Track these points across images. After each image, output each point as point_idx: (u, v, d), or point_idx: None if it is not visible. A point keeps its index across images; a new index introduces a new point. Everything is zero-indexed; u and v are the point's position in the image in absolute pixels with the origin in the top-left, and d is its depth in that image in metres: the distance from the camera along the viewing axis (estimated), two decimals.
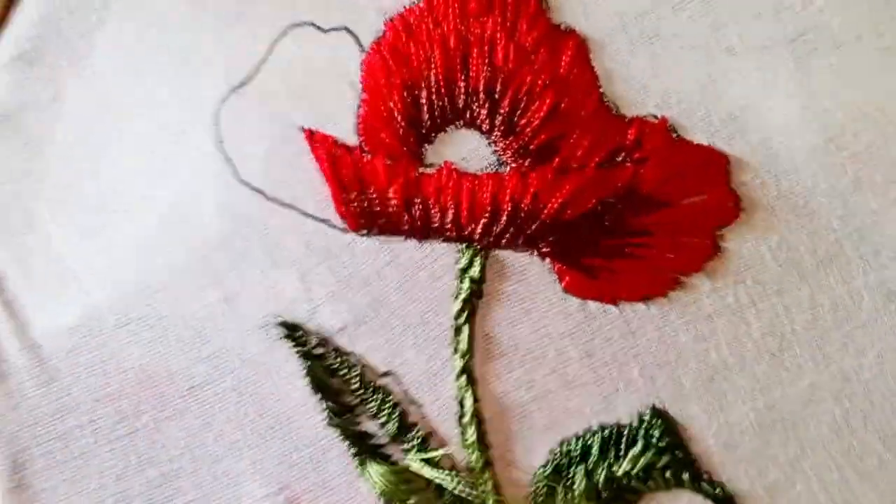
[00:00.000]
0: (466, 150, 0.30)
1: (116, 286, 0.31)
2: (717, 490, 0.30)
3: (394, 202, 0.30)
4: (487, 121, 0.30)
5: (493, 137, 0.30)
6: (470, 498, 0.30)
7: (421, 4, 0.30)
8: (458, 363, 0.31)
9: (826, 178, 0.30)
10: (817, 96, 0.30)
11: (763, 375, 0.30)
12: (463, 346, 0.31)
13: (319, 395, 0.31)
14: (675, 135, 0.30)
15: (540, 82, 0.29)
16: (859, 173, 0.30)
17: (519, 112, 0.29)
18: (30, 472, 0.32)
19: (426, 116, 0.30)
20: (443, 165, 0.30)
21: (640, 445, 0.30)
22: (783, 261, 0.30)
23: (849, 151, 0.30)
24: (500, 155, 0.30)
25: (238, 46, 0.31)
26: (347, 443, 0.31)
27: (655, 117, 0.30)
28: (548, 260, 0.30)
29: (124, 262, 0.31)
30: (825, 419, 0.30)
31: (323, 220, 0.31)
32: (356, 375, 0.31)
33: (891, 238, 0.30)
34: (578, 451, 0.30)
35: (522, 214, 0.29)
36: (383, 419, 0.31)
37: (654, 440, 0.30)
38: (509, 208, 0.29)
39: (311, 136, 0.30)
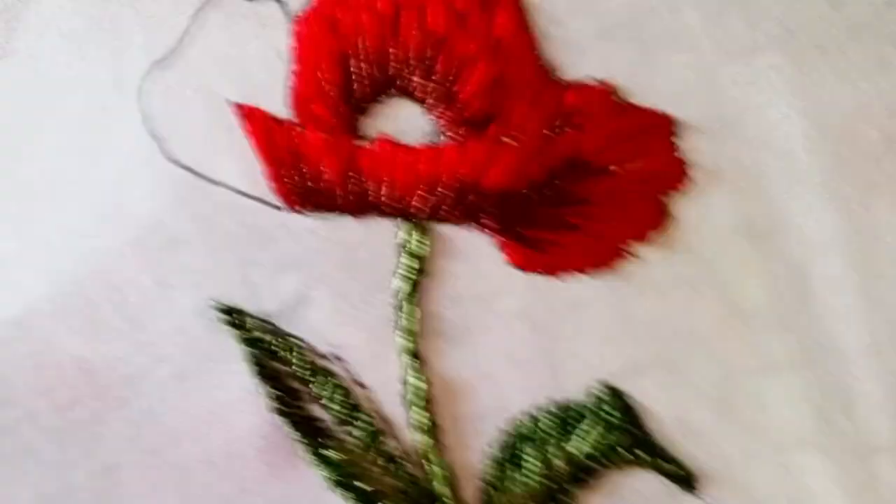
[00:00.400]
0: (402, 121, 0.29)
1: (47, 274, 0.30)
2: (675, 466, 0.29)
3: (329, 177, 0.29)
4: (422, 89, 0.29)
5: (428, 106, 0.29)
6: (421, 477, 0.30)
7: None
8: (402, 342, 0.30)
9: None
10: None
11: (720, 347, 0.29)
12: (408, 325, 0.30)
13: (261, 380, 0.30)
14: (616, 97, 0.28)
15: (474, 46, 0.28)
16: (811, 134, 0.29)
17: (454, 79, 0.28)
18: None
19: (359, 86, 0.29)
20: (378, 137, 0.28)
21: (593, 422, 0.29)
22: (735, 227, 0.29)
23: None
24: (437, 125, 0.29)
25: (160, 18, 0.30)
26: (292, 428, 0.30)
27: (596, 80, 0.29)
28: (490, 233, 0.29)
29: (55, 249, 0.30)
30: (781, 384, 0.29)
31: (257, 199, 0.30)
32: (299, 358, 0.30)
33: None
34: (528, 430, 0.29)
35: (462, 186, 0.28)
36: (329, 403, 0.30)
37: (606, 416, 0.29)
38: (448, 180, 0.28)
39: (241, 110, 0.29)
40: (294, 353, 0.30)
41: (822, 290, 0.29)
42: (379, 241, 0.30)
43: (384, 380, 0.30)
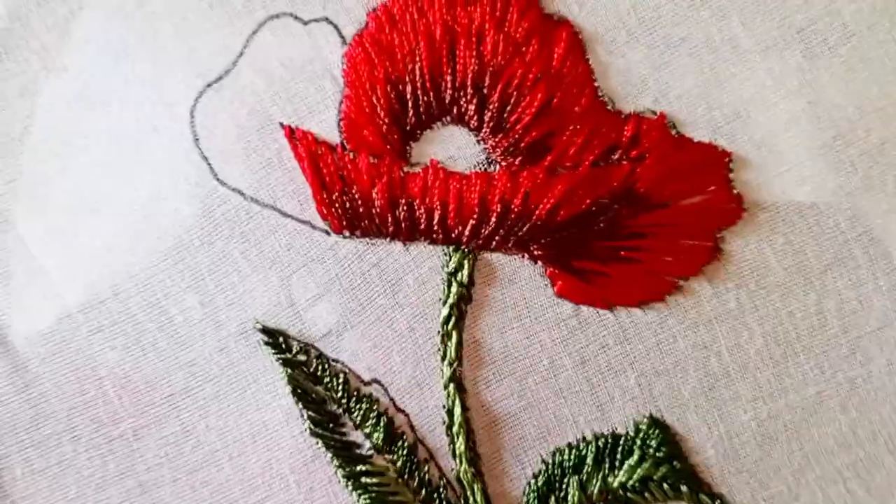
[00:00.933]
0: (454, 149, 0.29)
1: (90, 289, 0.30)
2: (717, 502, 0.29)
3: (378, 203, 0.29)
4: (476, 117, 0.28)
5: (481, 135, 0.29)
6: None
7: None
8: (447, 371, 0.29)
9: (834, 176, 0.28)
10: (826, 91, 0.28)
11: (766, 384, 0.29)
12: (451, 353, 0.29)
13: (302, 404, 0.30)
14: (674, 131, 0.28)
15: (531, 76, 0.28)
16: (870, 172, 0.28)
17: (509, 108, 0.28)
18: (8, 479, 0.31)
19: (411, 112, 0.29)
20: (429, 164, 0.28)
21: (636, 456, 0.29)
22: (788, 264, 0.29)
23: (858, 148, 0.28)
24: (489, 153, 0.29)
25: (214, 40, 0.29)
26: (331, 453, 0.30)
27: (654, 113, 0.28)
28: (539, 263, 0.29)
29: (97, 263, 0.30)
30: (831, 430, 0.29)
31: (304, 222, 0.30)
32: (340, 383, 0.30)
33: None
34: (572, 462, 0.29)
35: (513, 216, 0.28)
36: (368, 429, 0.30)
37: (651, 450, 0.29)
38: (499, 209, 0.28)
39: (291, 133, 0.29)
40: (335, 378, 0.30)
41: (882, 333, 0.29)
42: (426, 268, 0.29)
43: (427, 407, 0.30)
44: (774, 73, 0.28)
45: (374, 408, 0.30)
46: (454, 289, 0.29)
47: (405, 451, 0.30)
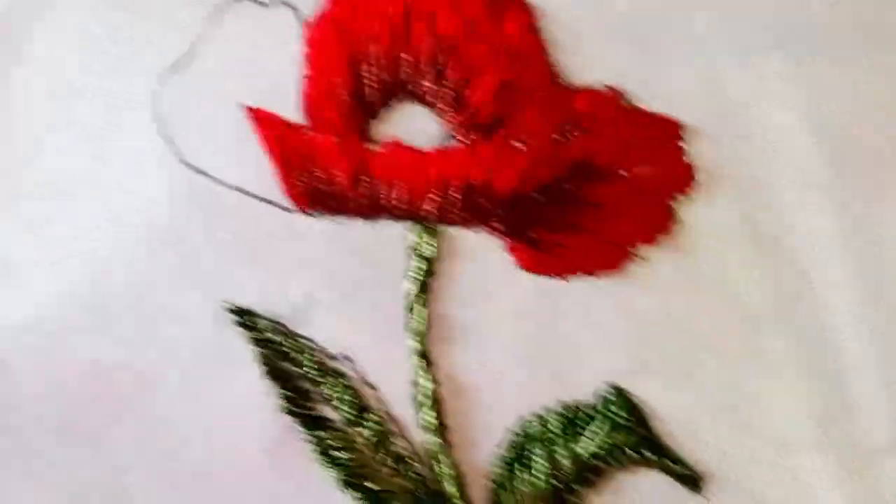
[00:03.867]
0: (413, 126, 0.30)
1: (59, 277, 0.31)
2: (681, 467, 0.30)
3: (341, 180, 0.30)
4: (433, 94, 0.30)
5: (439, 111, 0.30)
6: (430, 477, 0.30)
7: None
8: (413, 344, 0.30)
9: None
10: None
11: (724, 349, 0.30)
12: (417, 326, 0.30)
13: (273, 382, 0.31)
14: (626, 104, 0.29)
15: (484, 52, 0.29)
16: (821, 144, 0.30)
17: (465, 84, 0.29)
18: None
19: (371, 91, 0.30)
20: (389, 141, 0.29)
21: (600, 423, 0.30)
22: (743, 232, 0.30)
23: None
24: (447, 130, 0.30)
25: (175, 24, 0.31)
26: (303, 429, 0.31)
27: (606, 86, 0.30)
28: (499, 236, 0.30)
29: (67, 251, 0.31)
30: (782, 385, 0.30)
31: (269, 201, 0.31)
32: (310, 360, 0.31)
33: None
34: (537, 430, 0.30)
35: (472, 190, 0.29)
36: (338, 403, 0.31)
37: (615, 417, 0.30)
38: (459, 184, 0.29)
39: (254, 114, 0.30)
40: (304, 355, 0.31)
41: (824, 293, 0.30)
42: (389, 243, 0.31)
43: (394, 381, 0.31)
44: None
45: (344, 382, 0.31)
46: (417, 263, 0.30)
47: (375, 425, 0.31)
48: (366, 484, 0.30)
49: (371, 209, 0.30)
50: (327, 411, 0.31)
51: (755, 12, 0.30)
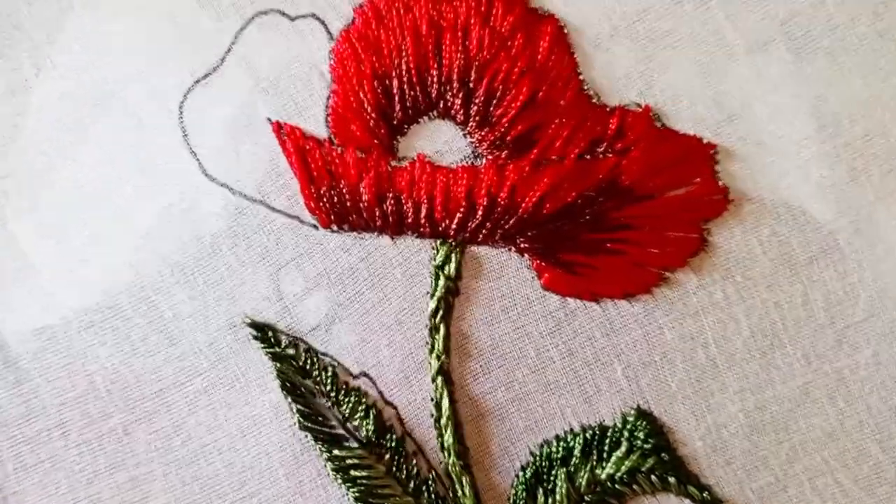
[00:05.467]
0: (440, 143, 0.30)
1: (80, 286, 0.32)
2: (705, 494, 0.30)
3: (365, 197, 0.30)
4: (462, 111, 0.29)
5: (468, 128, 0.30)
6: (448, 498, 0.30)
7: None
8: (434, 364, 0.30)
9: (818, 168, 0.29)
10: (810, 83, 0.29)
11: (753, 375, 0.30)
12: (439, 345, 0.30)
13: (291, 398, 0.31)
14: (659, 124, 0.29)
15: (516, 70, 0.29)
16: (854, 163, 0.29)
17: (495, 102, 0.29)
18: (0, 475, 0.32)
19: (398, 107, 0.30)
20: (416, 158, 0.29)
21: (624, 447, 0.30)
22: (773, 255, 0.30)
23: (843, 140, 0.29)
24: (475, 147, 0.30)
25: (202, 36, 0.31)
26: (320, 447, 0.31)
27: (638, 106, 0.29)
28: (526, 256, 0.30)
29: (88, 261, 0.32)
30: (818, 421, 0.30)
31: (293, 217, 0.31)
32: (329, 377, 0.31)
33: (887, 230, 0.29)
34: (560, 454, 0.30)
35: (499, 209, 0.29)
36: (357, 422, 0.31)
37: (638, 442, 0.30)
38: (485, 202, 0.29)
39: (279, 128, 0.30)
40: (324, 372, 0.31)
41: (868, 323, 0.30)
42: (414, 262, 0.30)
43: (415, 400, 0.31)
44: (758, 65, 0.29)
45: (363, 401, 0.31)
46: (442, 282, 0.30)
47: (394, 444, 0.31)
48: None
49: (396, 226, 0.30)
50: (346, 429, 0.31)
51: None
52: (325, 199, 0.30)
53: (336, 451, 0.31)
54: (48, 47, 0.32)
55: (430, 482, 0.31)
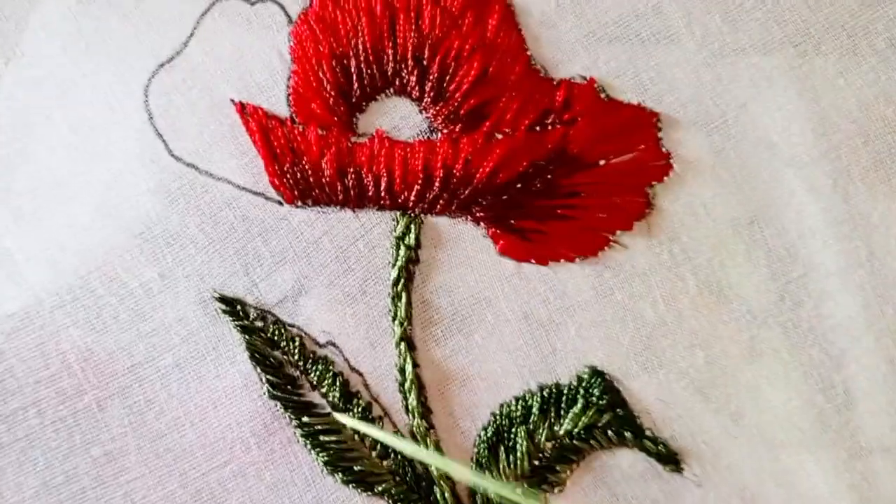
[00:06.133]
0: (398, 118, 0.32)
1: (52, 267, 0.33)
2: (660, 447, 0.31)
3: (327, 172, 0.31)
4: (417, 87, 0.31)
5: (423, 104, 0.31)
6: (414, 459, 0.32)
7: None
8: (397, 330, 0.32)
9: (759, 130, 0.31)
10: (745, 48, 0.31)
11: (701, 330, 0.32)
12: (401, 313, 0.32)
13: (260, 368, 0.32)
14: (603, 95, 0.31)
15: (467, 47, 0.31)
16: (794, 125, 0.31)
17: (448, 77, 0.31)
18: None
19: (356, 85, 0.31)
20: (375, 134, 0.31)
21: (580, 404, 0.31)
22: (717, 216, 0.31)
23: (775, 103, 0.31)
24: (431, 121, 0.31)
25: (166, 21, 0.32)
26: (290, 414, 0.32)
27: (584, 78, 0.31)
28: (482, 224, 0.32)
29: (60, 242, 0.33)
30: (765, 373, 0.31)
31: (258, 193, 0.32)
32: (297, 347, 0.32)
33: (824, 187, 0.31)
34: (519, 413, 0.32)
35: (455, 180, 0.31)
36: (325, 389, 0.32)
37: (594, 399, 0.31)
38: (442, 174, 0.30)
39: (242, 108, 0.31)
40: (292, 342, 0.32)
41: (808, 278, 0.31)
42: (375, 233, 0.32)
43: (380, 367, 0.32)
44: (696, 36, 0.31)
45: (330, 369, 0.32)
46: (402, 252, 0.32)
47: (361, 409, 0.32)
48: (353, 467, 0.32)
49: (357, 200, 0.32)
50: (314, 397, 0.32)
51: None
52: (288, 176, 0.31)
53: (305, 418, 0.32)
54: (16, 37, 0.33)
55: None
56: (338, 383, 0.32)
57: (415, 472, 0.32)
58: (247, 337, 0.32)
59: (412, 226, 0.32)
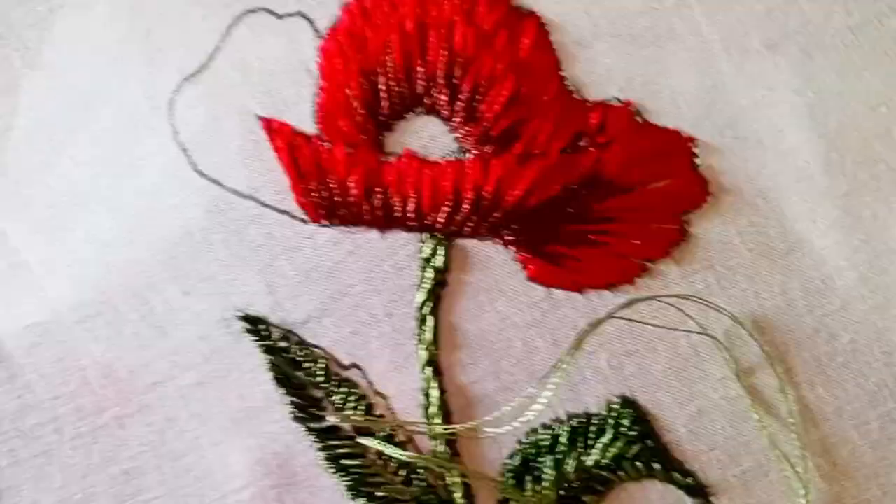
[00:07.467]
0: (427, 138, 0.31)
1: (73, 282, 0.32)
2: (689, 480, 0.31)
3: (354, 192, 0.31)
4: (447, 107, 0.30)
5: (453, 124, 0.31)
6: (438, 485, 0.31)
7: None
8: (424, 354, 0.32)
9: (794, 160, 0.30)
10: (788, 77, 0.30)
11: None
12: (428, 336, 0.31)
13: (284, 390, 0.32)
14: (639, 118, 0.30)
15: (500, 67, 0.30)
16: (829, 156, 0.30)
17: (479, 97, 0.30)
18: None
19: (385, 103, 0.31)
20: (403, 153, 0.30)
21: (609, 435, 0.31)
22: (752, 246, 0.31)
23: (815, 132, 0.30)
24: (461, 142, 0.31)
25: (192, 35, 0.31)
26: (313, 437, 0.32)
27: (619, 101, 0.30)
28: (511, 248, 0.31)
29: (81, 257, 0.33)
30: (798, 407, 0.31)
31: (283, 211, 0.32)
32: (321, 368, 0.32)
33: (862, 220, 0.30)
34: (547, 442, 0.31)
35: (485, 202, 0.30)
36: (349, 412, 0.32)
37: (623, 429, 0.31)
38: (471, 196, 0.30)
39: (269, 124, 0.31)
40: (316, 364, 0.32)
41: (838, 306, 0.31)
42: (402, 254, 0.32)
43: (405, 391, 0.32)
44: (735, 61, 0.30)
45: (354, 392, 0.32)
46: (429, 274, 0.31)
47: (385, 434, 0.31)
48: (376, 492, 0.31)
49: (384, 220, 0.31)
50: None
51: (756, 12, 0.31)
52: (314, 194, 0.31)
53: (328, 441, 0.32)
54: (38, 46, 0.32)
55: (420, 470, 0.32)
56: (362, 407, 0.32)
57: (439, 499, 0.32)
58: (270, 357, 0.32)
59: (440, 248, 0.31)
